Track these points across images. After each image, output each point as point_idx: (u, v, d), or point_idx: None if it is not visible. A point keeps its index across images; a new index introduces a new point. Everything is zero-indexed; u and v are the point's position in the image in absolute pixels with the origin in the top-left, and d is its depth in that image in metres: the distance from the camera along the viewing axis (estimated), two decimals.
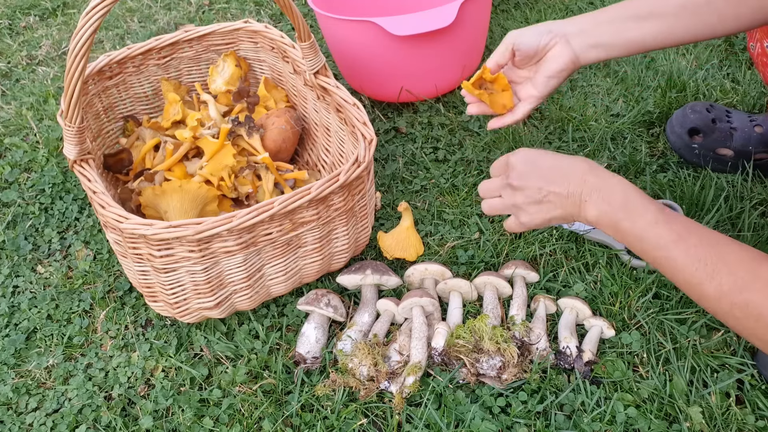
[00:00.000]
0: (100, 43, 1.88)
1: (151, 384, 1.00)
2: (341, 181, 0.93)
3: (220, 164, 1.15)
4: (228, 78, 1.32)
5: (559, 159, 0.85)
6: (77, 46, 0.83)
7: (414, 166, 1.34)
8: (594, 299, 1.04)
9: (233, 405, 0.95)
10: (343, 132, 1.15)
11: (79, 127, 0.93)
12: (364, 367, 0.94)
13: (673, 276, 0.75)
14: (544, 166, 0.85)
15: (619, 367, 0.94)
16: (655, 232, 0.75)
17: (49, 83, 1.72)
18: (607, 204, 0.79)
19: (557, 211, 0.84)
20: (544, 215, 0.85)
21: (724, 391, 0.90)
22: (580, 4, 1.84)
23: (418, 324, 0.97)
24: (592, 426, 0.88)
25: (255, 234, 0.92)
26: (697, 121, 1.24)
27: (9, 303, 1.14)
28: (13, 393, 1.01)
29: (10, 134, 1.53)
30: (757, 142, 1.21)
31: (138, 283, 1.00)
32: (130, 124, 1.30)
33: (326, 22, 1.39)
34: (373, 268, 1.06)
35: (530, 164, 0.86)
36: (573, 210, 0.83)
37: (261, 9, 1.99)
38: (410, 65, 1.37)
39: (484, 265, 1.11)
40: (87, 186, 0.95)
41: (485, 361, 0.92)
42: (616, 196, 0.79)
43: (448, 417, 0.90)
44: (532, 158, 0.86)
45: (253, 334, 1.04)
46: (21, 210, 1.32)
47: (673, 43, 0.93)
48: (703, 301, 0.73)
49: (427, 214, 1.22)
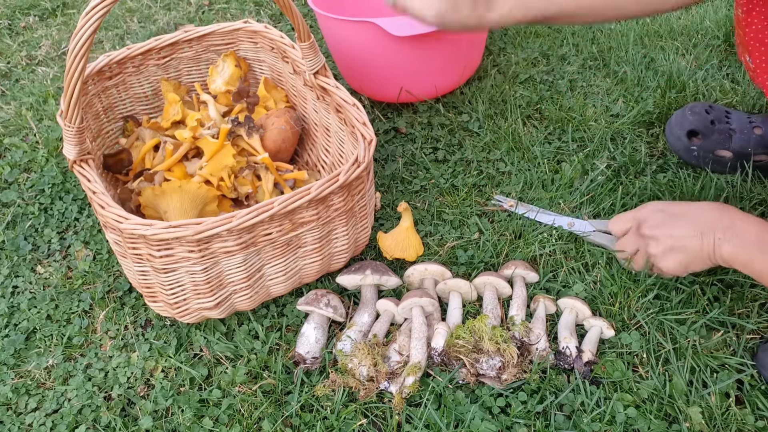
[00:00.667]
0: (100, 43, 1.88)
1: (150, 384, 1.00)
2: (341, 181, 0.93)
3: (220, 164, 1.15)
4: (228, 78, 1.32)
5: (690, 205, 0.83)
6: (77, 47, 0.83)
7: (414, 167, 1.34)
8: (594, 299, 1.04)
9: (233, 405, 0.95)
10: (342, 132, 1.15)
11: (78, 127, 0.93)
12: (364, 367, 0.94)
13: None
14: (675, 213, 0.83)
15: (618, 368, 0.94)
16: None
17: (48, 83, 1.72)
18: (741, 242, 0.78)
19: (692, 255, 0.84)
20: (681, 260, 0.85)
21: (723, 392, 0.90)
22: None
23: (418, 324, 0.97)
24: (592, 426, 0.88)
25: (255, 234, 0.92)
26: (696, 122, 1.24)
27: (8, 303, 1.14)
28: (13, 393, 1.00)
29: (9, 134, 1.53)
30: (756, 143, 1.21)
31: (138, 284, 1.00)
32: (130, 124, 1.30)
33: (326, 23, 1.39)
34: (373, 268, 1.06)
35: (660, 213, 0.85)
36: (708, 250, 0.82)
37: (261, 9, 1.99)
38: (410, 66, 1.37)
39: (483, 266, 1.11)
40: (87, 186, 0.95)
41: (485, 361, 0.92)
42: (751, 234, 0.77)
43: (448, 417, 0.90)
44: (660, 208, 0.85)
45: (252, 335, 1.04)
46: (20, 210, 1.32)
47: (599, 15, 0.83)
48: None
49: (427, 215, 1.22)
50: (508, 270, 1.06)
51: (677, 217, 0.84)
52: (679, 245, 0.85)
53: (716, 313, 0.99)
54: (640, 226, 0.87)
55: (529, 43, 1.69)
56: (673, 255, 0.87)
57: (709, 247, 0.82)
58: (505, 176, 1.29)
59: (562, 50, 1.64)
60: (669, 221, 0.85)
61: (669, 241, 0.85)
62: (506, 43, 1.70)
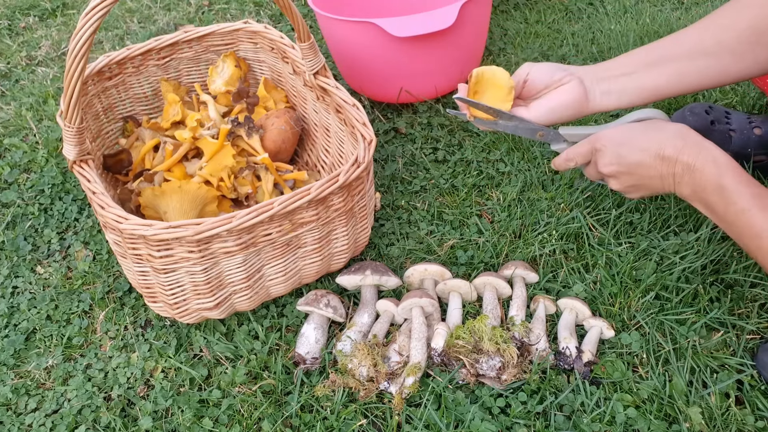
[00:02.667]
0: (100, 43, 1.88)
1: (150, 384, 1.00)
2: (341, 181, 0.93)
3: (220, 165, 1.15)
4: (227, 78, 1.32)
5: (649, 141, 0.83)
6: (77, 47, 0.83)
7: (413, 167, 1.34)
8: (594, 300, 1.04)
9: (233, 405, 0.95)
10: (342, 132, 1.15)
11: (78, 127, 0.93)
12: (364, 367, 0.94)
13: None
14: (633, 152, 0.84)
15: (618, 368, 0.94)
16: (747, 220, 0.75)
17: (48, 84, 1.72)
18: (699, 186, 0.79)
19: (651, 190, 0.87)
20: (640, 194, 0.89)
21: (723, 392, 0.90)
22: (580, 4, 1.84)
23: (418, 324, 0.97)
24: (592, 426, 0.88)
25: (254, 234, 0.92)
26: (695, 123, 1.24)
27: (8, 303, 1.14)
28: (13, 393, 1.00)
29: (9, 135, 1.53)
30: (756, 144, 1.21)
31: (137, 284, 1.00)
32: (130, 124, 1.30)
33: (326, 23, 1.39)
34: (373, 268, 1.06)
35: (617, 156, 0.86)
36: (668, 189, 0.85)
37: (260, 9, 1.99)
38: (410, 66, 1.37)
39: (483, 266, 1.11)
40: (86, 186, 0.95)
41: (485, 361, 0.92)
42: (710, 178, 0.78)
43: (448, 417, 0.90)
44: (617, 146, 0.85)
45: (252, 335, 1.04)
46: (20, 210, 1.32)
47: (689, 88, 0.89)
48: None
49: (427, 215, 1.22)
50: (507, 270, 1.06)
51: (636, 159, 0.85)
52: (640, 183, 0.87)
53: (716, 313, 0.99)
54: (597, 160, 0.89)
55: (529, 43, 1.69)
56: (635, 191, 0.90)
57: (670, 187, 0.84)
58: (505, 176, 1.29)
59: (562, 50, 1.64)
60: (627, 164, 0.86)
61: (630, 180, 0.88)
62: (506, 43, 1.71)
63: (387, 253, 1.16)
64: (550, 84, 0.93)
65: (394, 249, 1.16)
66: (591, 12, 1.81)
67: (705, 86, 0.89)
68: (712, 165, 0.79)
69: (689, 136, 0.82)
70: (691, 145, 0.81)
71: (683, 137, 0.82)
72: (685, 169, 0.81)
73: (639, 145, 0.84)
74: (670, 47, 0.89)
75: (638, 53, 0.92)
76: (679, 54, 0.88)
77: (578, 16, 1.81)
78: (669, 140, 0.83)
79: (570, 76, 0.92)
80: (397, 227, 1.21)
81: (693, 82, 0.89)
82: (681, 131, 0.83)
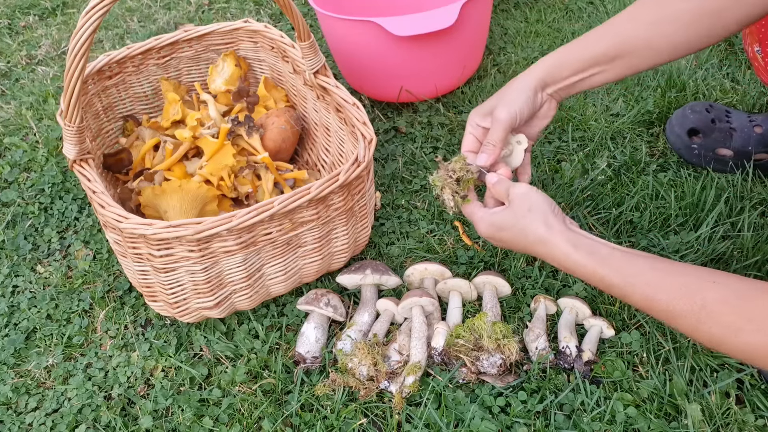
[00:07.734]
0: (100, 42, 1.88)
1: (150, 384, 1.00)
2: (341, 180, 0.93)
3: (220, 164, 1.15)
4: (228, 78, 1.32)
5: (516, 242, 0.86)
6: (77, 46, 0.83)
7: (414, 166, 1.34)
8: (594, 299, 1.04)
9: (233, 405, 0.95)
10: (342, 132, 1.15)
11: (78, 126, 0.93)
12: (364, 366, 0.94)
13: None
14: (505, 239, 0.87)
15: (618, 367, 0.94)
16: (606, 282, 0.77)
17: (48, 83, 1.72)
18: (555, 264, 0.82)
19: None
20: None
21: (723, 391, 0.90)
22: (580, 4, 1.84)
23: (418, 324, 0.97)
24: (592, 426, 0.88)
25: (255, 234, 0.92)
26: (696, 121, 1.24)
27: (8, 303, 1.14)
28: (13, 393, 1.00)
29: (9, 134, 1.53)
30: (756, 142, 1.21)
31: (138, 283, 1.00)
32: (130, 123, 1.30)
33: (326, 22, 1.39)
34: (373, 267, 1.06)
35: (496, 238, 0.88)
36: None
37: (261, 9, 1.99)
38: (410, 65, 1.37)
39: (483, 265, 1.11)
40: (86, 186, 0.95)
41: (485, 359, 0.92)
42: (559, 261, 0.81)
43: (448, 417, 0.90)
44: (496, 231, 0.87)
45: (252, 334, 1.04)
46: (20, 210, 1.32)
47: (639, 70, 0.90)
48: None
49: (427, 214, 1.22)
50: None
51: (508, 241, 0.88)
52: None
53: None
54: (477, 222, 0.91)
55: (529, 42, 1.69)
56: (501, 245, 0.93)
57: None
58: None
59: None
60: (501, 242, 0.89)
61: (500, 245, 0.91)
62: (506, 43, 1.70)
63: (387, 253, 1.16)
64: (533, 113, 0.94)
65: (394, 248, 1.16)
66: (591, 11, 1.81)
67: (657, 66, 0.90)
68: (561, 256, 0.80)
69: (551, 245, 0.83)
70: (546, 250, 0.83)
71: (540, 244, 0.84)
72: (543, 256, 0.83)
73: (512, 236, 0.86)
74: (623, 40, 0.87)
75: (590, 48, 0.90)
76: (632, 49, 0.87)
77: (578, 15, 1.81)
78: (535, 246, 0.84)
79: (542, 96, 0.93)
80: (397, 226, 1.21)
81: (645, 69, 0.90)
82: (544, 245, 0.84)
